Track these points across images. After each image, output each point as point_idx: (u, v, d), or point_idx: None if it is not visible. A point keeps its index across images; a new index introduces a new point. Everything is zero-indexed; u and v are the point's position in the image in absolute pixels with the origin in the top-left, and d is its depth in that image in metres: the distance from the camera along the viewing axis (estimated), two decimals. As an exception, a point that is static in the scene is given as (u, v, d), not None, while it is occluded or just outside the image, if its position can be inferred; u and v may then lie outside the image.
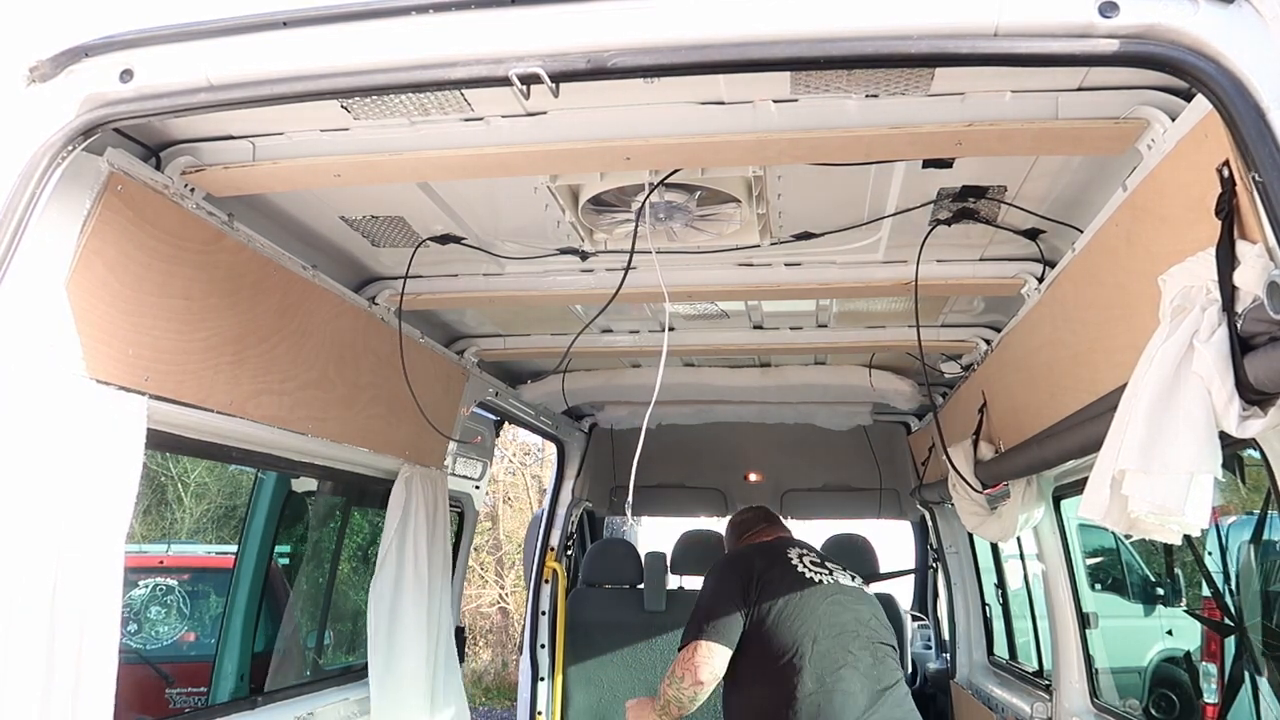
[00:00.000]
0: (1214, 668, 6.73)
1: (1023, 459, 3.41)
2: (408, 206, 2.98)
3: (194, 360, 2.63)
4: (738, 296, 3.66)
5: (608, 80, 1.89)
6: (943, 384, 4.76)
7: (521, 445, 16.86)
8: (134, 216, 2.32)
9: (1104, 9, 1.69)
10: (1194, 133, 1.89)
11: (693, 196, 2.79)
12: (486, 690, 15.24)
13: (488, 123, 2.35)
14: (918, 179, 2.70)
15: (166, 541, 13.31)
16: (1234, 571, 6.23)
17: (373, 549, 5.84)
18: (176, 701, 6.95)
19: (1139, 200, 2.21)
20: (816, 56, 1.78)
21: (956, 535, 5.82)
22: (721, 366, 5.08)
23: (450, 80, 1.90)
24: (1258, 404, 1.70)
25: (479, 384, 4.62)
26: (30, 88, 2.04)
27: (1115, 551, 9.97)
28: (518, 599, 16.07)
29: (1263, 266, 1.64)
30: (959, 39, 1.72)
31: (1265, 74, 1.61)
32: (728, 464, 6.57)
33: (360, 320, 3.47)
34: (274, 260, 2.91)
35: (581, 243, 3.17)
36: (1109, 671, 6.39)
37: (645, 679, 5.42)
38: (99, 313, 2.25)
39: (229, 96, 2.00)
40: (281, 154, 2.48)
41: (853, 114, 2.23)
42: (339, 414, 3.47)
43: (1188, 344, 1.77)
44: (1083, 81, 2.10)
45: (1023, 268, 3.20)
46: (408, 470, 4.11)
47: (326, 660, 5.34)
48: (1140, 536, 1.96)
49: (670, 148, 2.33)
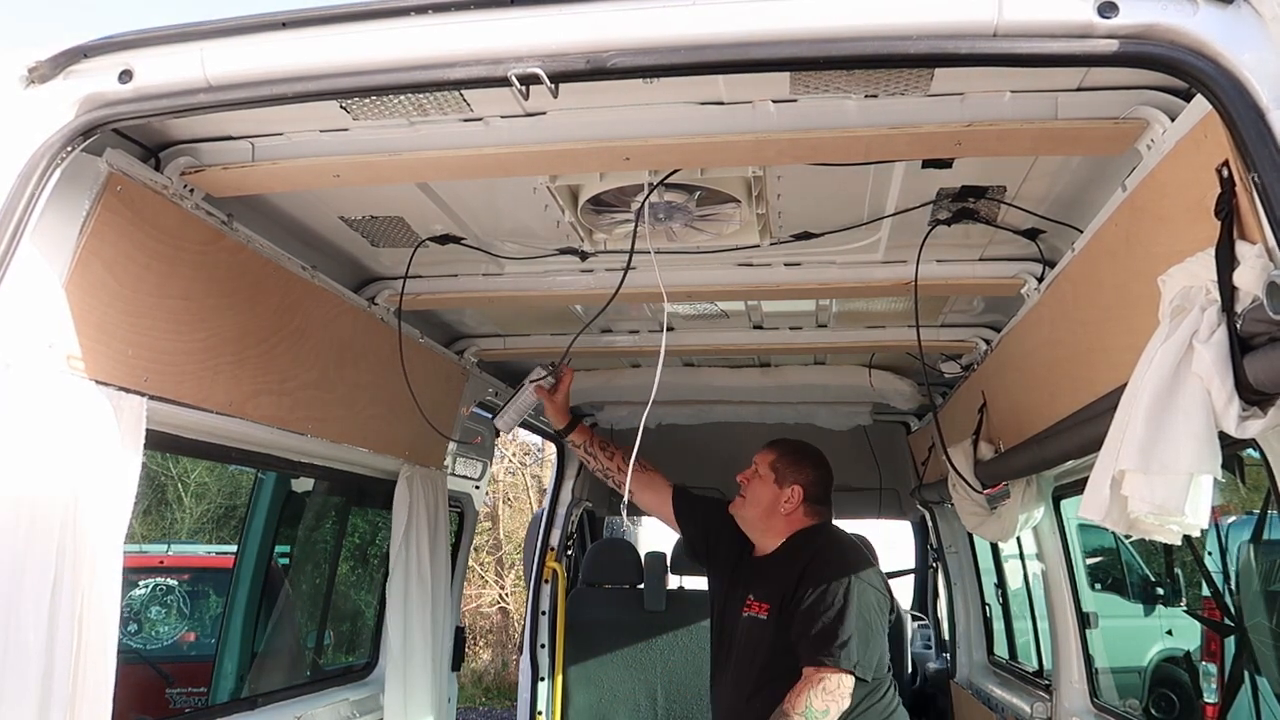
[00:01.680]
0: (1214, 668, 6.74)
1: (1022, 459, 3.41)
2: (407, 207, 2.98)
3: (193, 360, 2.63)
4: (737, 296, 3.66)
5: (607, 80, 1.89)
6: (942, 384, 4.75)
7: (521, 445, 16.87)
8: (133, 217, 2.32)
9: (1103, 9, 1.69)
10: (1193, 133, 1.89)
11: (692, 197, 2.79)
12: (486, 690, 15.23)
13: (487, 123, 2.35)
14: (917, 179, 2.70)
15: (166, 541, 13.32)
16: (1234, 571, 6.23)
17: (372, 549, 5.86)
18: (176, 701, 6.97)
19: (1138, 200, 2.21)
20: (816, 57, 1.78)
21: (956, 535, 5.81)
22: (721, 366, 5.08)
23: (449, 81, 1.90)
24: (1257, 404, 1.70)
25: (479, 384, 4.62)
26: (29, 88, 2.04)
27: (1115, 551, 9.98)
28: (518, 599, 16.07)
29: (1262, 267, 1.64)
30: (958, 39, 1.72)
31: (1265, 74, 1.61)
32: (728, 464, 6.53)
33: (360, 320, 3.48)
34: (273, 260, 2.91)
35: (581, 243, 3.17)
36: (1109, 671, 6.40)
37: (645, 679, 5.42)
38: (98, 313, 2.25)
39: (228, 97, 2.00)
40: (281, 154, 2.48)
41: (852, 114, 2.23)
42: (339, 414, 3.47)
43: (1187, 344, 1.77)
44: (1082, 82, 2.10)
45: (1022, 268, 3.20)
46: (408, 470, 4.11)
47: (326, 660, 5.35)
48: (1140, 536, 1.96)
49: (670, 148, 2.33)
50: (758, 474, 3.50)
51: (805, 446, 3.59)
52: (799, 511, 3.43)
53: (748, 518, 3.51)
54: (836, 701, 3.02)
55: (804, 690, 3.02)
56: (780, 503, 3.42)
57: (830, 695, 3.01)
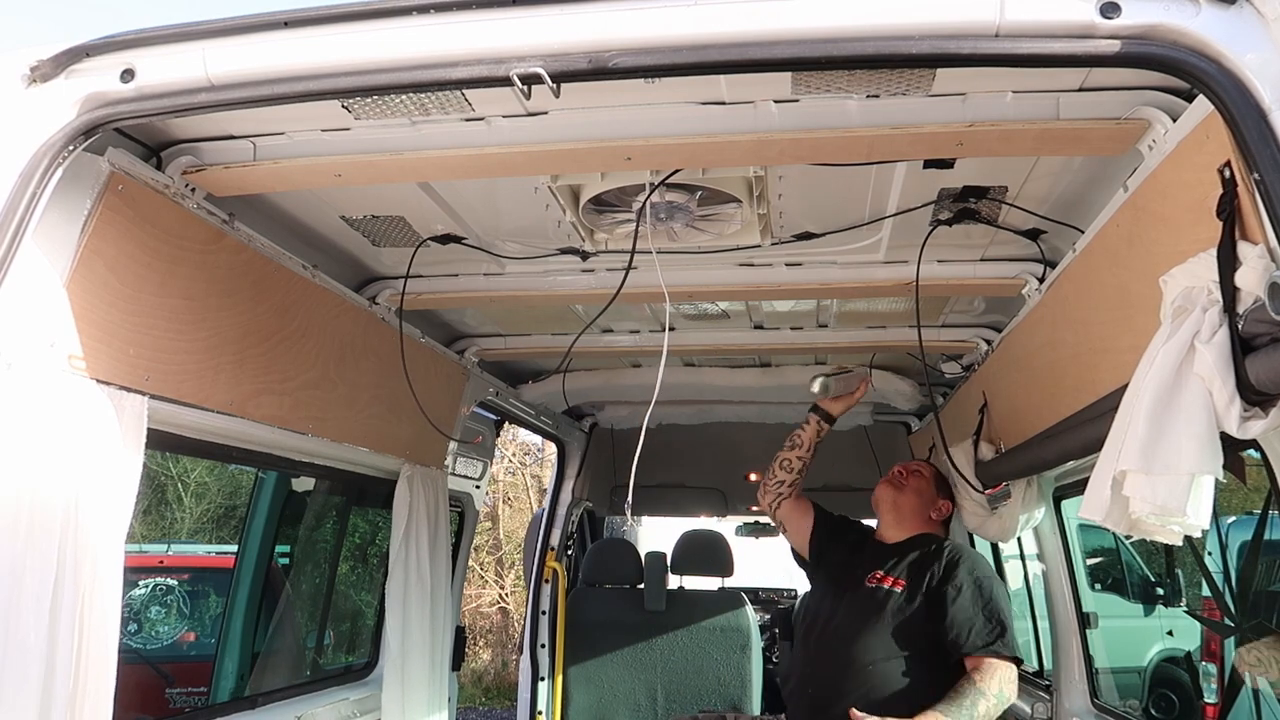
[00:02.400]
0: (1214, 668, 6.74)
1: (1023, 459, 3.41)
2: (408, 206, 2.98)
3: (194, 360, 2.63)
4: (738, 297, 3.66)
5: (609, 80, 1.89)
6: (943, 384, 4.76)
7: (521, 445, 16.88)
8: (134, 216, 2.32)
9: (1105, 10, 1.69)
10: (1195, 133, 1.89)
11: (693, 196, 2.79)
12: (486, 690, 15.23)
13: (489, 123, 2.35)
14: (918, 179, 2.70)
15: (166, 541, 13.32)
16: (1234, 571, 6.24)
17: (373, 549, 5.85)
18: (176, 701, 6.96)
19: (1140, 201, 2.21)
20: (818, 57, 1.78)
21: (957, 535, 5.81)
22: (722, 366, 5.08)
23: (451, 80, 1.90)
24: (1259, 405, 1.70)
25: (479, 384, 4.62)
26: (31, 88, 2.04)
27: (1115, 551, 9.99)
28: (518, 599, 16.07)
29: (1264, 268, 1.64)
30: (960, 39, 1.72)
31: (1267, 75, 1.61)
32: (728, 464, 6.56)
33: (361, 320, 3.48)
34: (274, 260, 2.91)
35: (582, 243, 3.17)
36: (1109, 671, 6.40)
37: (645, 679, 5.42)
38: (99, 313, 2.25)
39: (230, 96, 2.00)
40: (282, 154, 2.48)
41: (854, 114, 2.23)
42: (339, 414, 3.47)
43: (1189, 345, 1.77)
44: (1084, 82, 2.10)
45: (1023, 268, 3.20)
46: (408, 470, 4.11)
47: (326, 660, 5.35)
48: (1141, 537, 1.96)
49: (671, 148, 2.33)
50: (921, 474, 3.85)
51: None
52: (936, 522, 3.78)
53: (904, 501, 3.76)
54: (1014, 687, 3.26)
55: (993, 674, 3.21)
56: (933, 507, 3.78)
57: (1011, 683, 3.25)
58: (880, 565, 3.59)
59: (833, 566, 3.83)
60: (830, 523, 4.02)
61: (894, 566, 3.57)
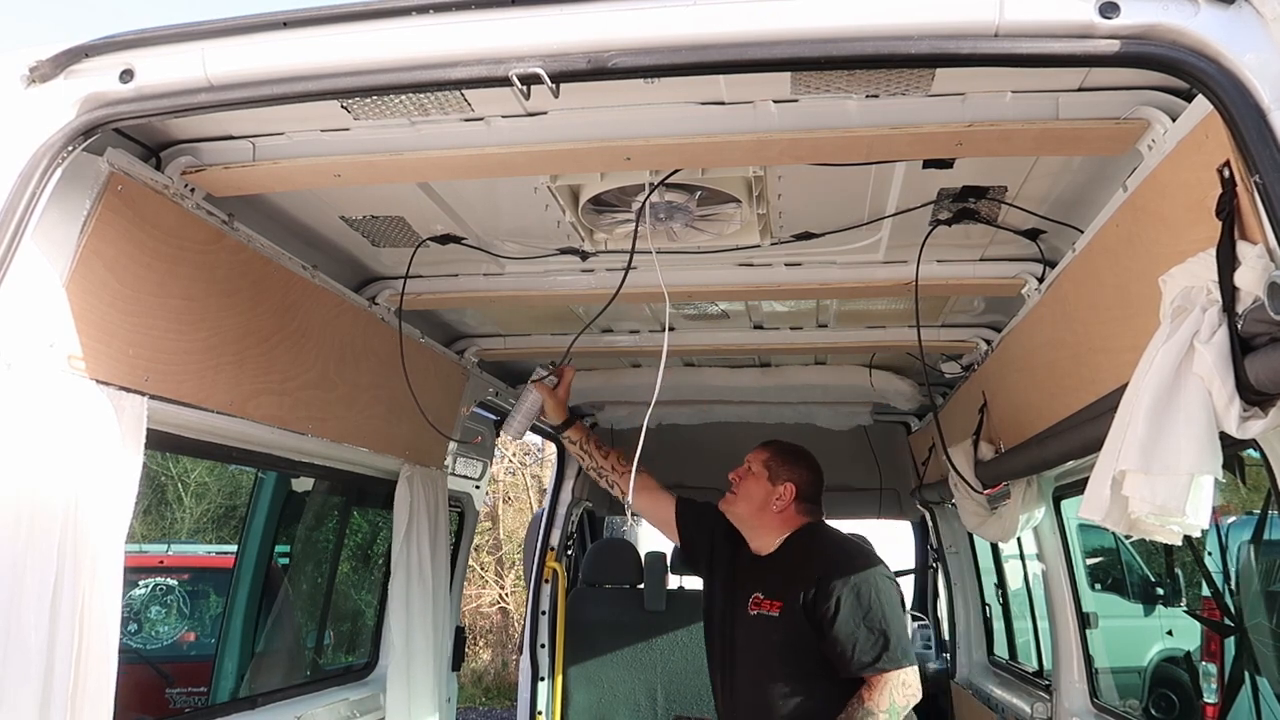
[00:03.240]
0: (1214, 668, 6.74)
1: (1023, 459, 3.41)
2: (408, 206, 2.98)
3: (194, 360, 2.63)
4: (738, 297, 3.66)
5: (608, 80, 1.89)
6: (943, 384, 4.76)
7: (521, 445, 16.87)
8: (134, 216, 2.32)
9: (1105, 10, 1.69)
10: (1194, 133, 1.89)
11: (693, 197, 2.79)
12: (486, 690, 15.23)
13: (488, 123, 2.35)
14: (918, 179, 2.70)
15: (166, 541, 13.32)
16: (1234, 571, 6.24)
17: (373, 549, 5.86)
18: (176, 701, 6.96)
19: (1139, 201, 2.22)
20: (817, 57, 1.78)
21: (956, 535, 5.82)
22: (721, 366, 5.08)
23: (450, 80, 1.90)
24: (1258, 405, 1.70)
25: (479, 384, 4.62)
26: (30, 88, 2.04)
27: (1115, 551, 9.98)
28: (518, 599, 16.06)
29: (1263, 267, 1.64)
30: (960, 39, 1.72)
31: (1266, 75, 1.62)
32: (728, 464, 6.55)
33: (360, 320, 3.48)
34: (274, 260, 2.91)
35: (582, 243, 3.17)
36: (1109, 671, 6.40)
37: (645, 679, 5.42)
38: (99, 313, 2.25)
39: (229, 97, 2.00)
40: (282, 154, 2.48)
41: (853, 114, 2.23)
42: (339, 414, 3.47)
43: (1188, 345, 1.77)
44: (1083, 82, 2.10)
45: (1023, 268, 3.20)
46: (408, 470, 4.11)
47: (326, 660, 5.35)
48: (1141, 537, 1.96)
49: (670, 148, 2.33)
50: (750, 471, 3.53)
51: (798, 447, 3.62)
52: (791, 509, 3.44)
53: (739, 513, 3.52)
54: (914, 693, 3.15)
55: (883, 688, 3.10)
56: (772, 499, 3.44)
57: (909, 689, 3.13)
58: (758, 586, 3.39)
59: (720, 581, 3.61)
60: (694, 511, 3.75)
61: (768, 586, 3.37)
